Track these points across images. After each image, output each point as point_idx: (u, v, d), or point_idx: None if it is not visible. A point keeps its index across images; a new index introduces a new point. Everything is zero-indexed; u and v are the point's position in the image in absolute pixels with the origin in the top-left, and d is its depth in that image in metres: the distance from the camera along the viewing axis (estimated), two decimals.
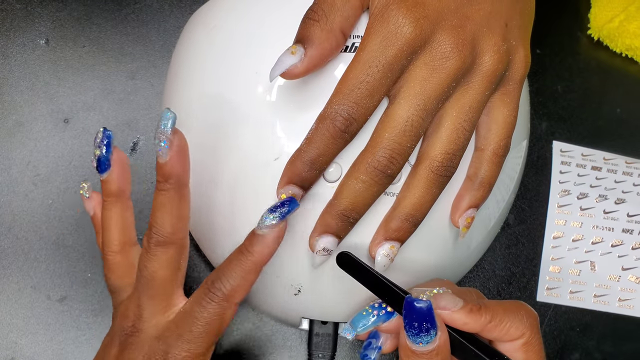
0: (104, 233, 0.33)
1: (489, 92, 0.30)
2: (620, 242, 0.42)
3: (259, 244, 0.29)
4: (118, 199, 0.33)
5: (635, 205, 0.42)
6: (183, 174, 0.30)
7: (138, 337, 0.30)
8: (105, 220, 0.33)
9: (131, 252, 0.33)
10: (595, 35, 0.46)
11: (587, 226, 0.42)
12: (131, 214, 0.34)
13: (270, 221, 0.28)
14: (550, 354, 0.41)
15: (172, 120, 0.28)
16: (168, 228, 0.30)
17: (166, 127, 0.28)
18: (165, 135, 0.28)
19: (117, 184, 0.32)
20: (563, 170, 0.43)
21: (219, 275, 0.29)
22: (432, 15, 0.28)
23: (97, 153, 0.32)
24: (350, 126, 0.28)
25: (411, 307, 0.26)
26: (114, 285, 0.33)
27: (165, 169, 0.29)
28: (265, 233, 0.29)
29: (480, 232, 0.36)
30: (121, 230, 0.33)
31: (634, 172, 0.43)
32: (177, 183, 0.29)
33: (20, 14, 0.44)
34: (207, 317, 0.29)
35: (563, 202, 0.42)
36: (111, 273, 0.33)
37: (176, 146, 0.29)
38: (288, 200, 0.29)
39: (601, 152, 0.44)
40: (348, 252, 0.29)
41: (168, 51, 0.43)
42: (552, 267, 0.42)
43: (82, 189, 0.35)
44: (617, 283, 0.42)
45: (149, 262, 0.30)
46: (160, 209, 0.30)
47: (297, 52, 0.28)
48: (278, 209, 0.29)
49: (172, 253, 0.30)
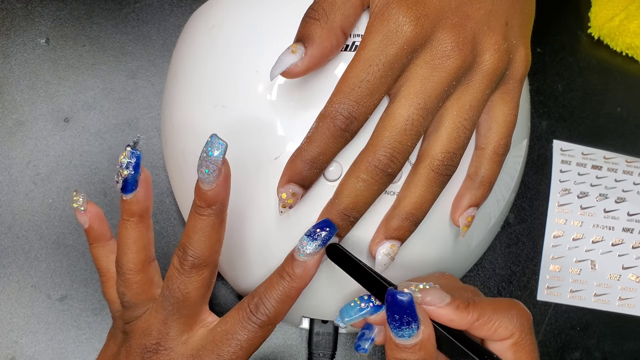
0: (123, 252, 0.32)
1: (490, 90, 0.30)
2: (620, 241, 0.42)
3: (300, 268, 0.29)
4: (141, 220, 0.32)
5: (636, 204, 0.42)
6: (226, 200, 0.29)
7: (168, 356, 0.30)
8: (125, 239, 0.32)
9: (150, 268, 0.32)
10: (596, 34, 0.46)
11: (587, 225, 0.42)
12: (152, 232, 0.33)
13: (313, 249, 0.28)
14: (550, 353, 0.41)
15: (223, 149, 0.27)
16: (205, 251, 0.29)
17: (216, 156, 0.27)
18: (215, 164, 0.27)
19: (143, 204, 0.31)
20: (563, 169, 0.43)
21: (262, 299, 0.29)
22: (433, 13, 0.28)
23: (124, 173, 0.30)
24: (351, 125, 0.28)
25: (393, 300, 0.26)
26: (131, 302, 0.32)
27: (210, 195, 0.28)
28: (307, 260, 0.29)
29: (481, 231, 0.36)
30: (142, 249, 0.32)
31: (634, 171, 0.43)
32: (220, 209, 0.29)
33: (20, 13, 0.44)
34: (248, 339, 0.29)
35: (563, 201, 0.42)
36: (128, 290, 0.32)
37: (224, 175, 0.28)
38: (327, 225, 0.29)
39: (601, 151, 0.44)
40: (337, 244, 0.29)
41: (168, 50, 0.43)
42: (552, 266, 0.42)
43: (76, 202, 0.33)
44: (617, 282, 0.42)
45: (183, 284, 0.29)
46: (199, 233, 0.29)
47: (297, 51, 0.28)
48: (319, 235, 0.28)
49: (207, 274, 0.30)
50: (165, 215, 0.41)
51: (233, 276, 0.37)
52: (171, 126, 0.36)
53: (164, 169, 0.41)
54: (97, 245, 0.34)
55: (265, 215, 0.32)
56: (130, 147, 0.30)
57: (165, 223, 0.41)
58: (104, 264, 0.34)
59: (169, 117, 0.36)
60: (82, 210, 0.33)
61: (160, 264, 0.39)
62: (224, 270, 0.37)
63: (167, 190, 0.41)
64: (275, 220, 0.32)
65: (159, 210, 0.41)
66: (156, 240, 0.41)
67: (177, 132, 0.35)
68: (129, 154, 0.30)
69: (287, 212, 0.30)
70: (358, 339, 0.30)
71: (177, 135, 0.35)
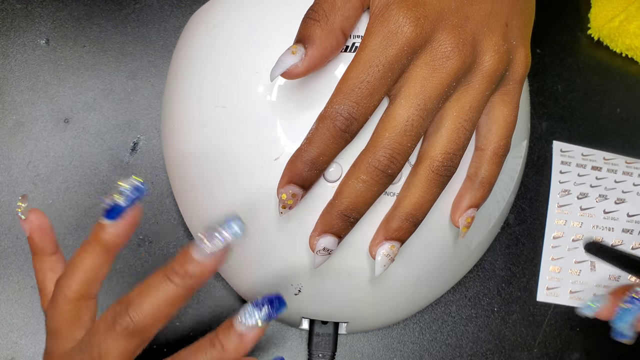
0: (68, 274, 0.29)
1: (490, 91, 0.30)
2: (620, 242, 0.42)
3: (234, 339, 0.28)
4: (105, 253, 0.29)
5: (636, 205, 0.42)
6: (208, 279, 0.27)
7: None
8: (76, 262, 0.29)
9: (84, 305, 0.29)
10: (596, 35, 0.46)
11: (587, 226, 0.42)
12: (108, 269, 0.29)
13: (253, 322, 0.27)
14: (550, 354, 0.41)
15: (240, 233, 0.26)
16: (149, 320, 0.27)
17: (234, 236, 0.26)
18: (223, 243, 0.26)
19: (116, 239, 0.28)
20: (563, 170, 0.43)
21: None
22: (433, 14, 0.28)
23: (117, 199, 0.28)
24: (351, 126, 0.28)
25: None
26: (52, 328, 0.29)
27: (195, 268, 0.26)
28: (244, 331, 0.28)
29: (481, 232, 0.36)
30: (87, 281, 0.29)
31: (634, 172, 0.43)
32: (197, 285, 0.27)
33: (20, 13, 0.44)
34: None
35: (563, 202, 0.42)
36: (55, 313, 0.29)
37: (223, 255, 0.27)
38: (276, 299, 0.28)
39: (601, 152, 0.44)
40: (597, 239, 0.29)
41: (168, 51, 0.43)
42: (552, 266, 0.42)
43: (19, 207, 0.31)
44: (616, 283, 0.42)
45: (105, 343, 0.27)
46: (155, 298, 0.26)
47: (297, 52, 0.28)
48: (264, 308, 0.27)
49: (135, 345, 0.27)
50: (165, 216, 0.41)
51: (233, 277, 0.37)
52: (171, 126, 0.36)
53: (164, 169, 0.41)
54: (36, 259, 0.32)
55: (265, 216, 0.32)
56: (141, 182, 0.28)
57: (165, 223, 0.41)
58: (40, 279, 0.32)
59: (169, 118, 0.36)
60: (22, 217, 0.31)
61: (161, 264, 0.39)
62: (223, 271, 0.37)
63: (167, 191, 0.41)
64: (275, 221, 0.32)
65: (158, 211, 0.41)
66: (156, 240, 0.41)
67: (177, 133, 0.35)
68: (132, 186, 0.28)
69: (287, 213, 0.30)
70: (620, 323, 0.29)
71: (177, 135, 0.35)
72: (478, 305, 0.42)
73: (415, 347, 0.41)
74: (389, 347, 0.41)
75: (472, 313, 0.42)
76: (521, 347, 0.41)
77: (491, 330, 0.41)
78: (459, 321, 0.41)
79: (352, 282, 0.33)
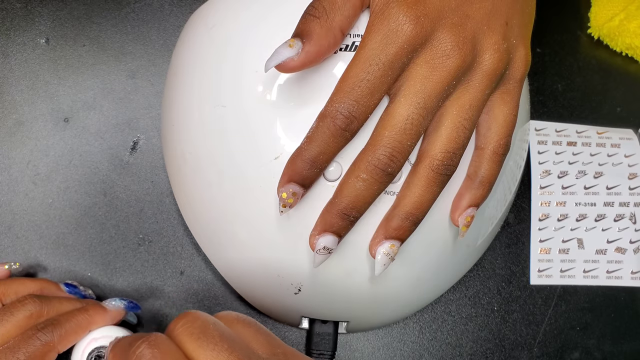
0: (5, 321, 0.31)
1: (489, 90, 0.30)
2: (603, 215, 0.42)
3: None
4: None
5: (613, 177, 0.42)
6: None
7: None
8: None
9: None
10: (596, 34, 0.46)
11: (570, 204, 0.42)
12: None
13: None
14: (550, 353, 0.41)
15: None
16: (71, 338, 0.32)
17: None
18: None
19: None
20: (541, 150, 0.43)
21: None
22: (433, 13, 0.28)
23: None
24: (351, 124, 0.28)
25: None
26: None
27: None
28: None
29: (481, 231, 0.36)
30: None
31: (606, 142, 0.43)
32: None
33: (20, 13, 0.44)
34: None
35: (545, 183, 0.42)
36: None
37: None
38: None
39: (574, 125, 0.44)
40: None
41: (168, 50, 0.43)
42: (541, 248, 0.42)
43: None
44: (604, 256, 0.42)
45: (25, 346, 0.30)
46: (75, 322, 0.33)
47: (294, 46, 0.28)
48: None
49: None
50: (165, 215, 0.41)
51: (233, 277, 0.37)
52: (171, 126, 0.36)
53: (164, 169, 0.41)
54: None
55: (265, 215, 0.32)
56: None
57: (165, 223, 0.41)
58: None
59: (169, 117, 0.36)
60: None
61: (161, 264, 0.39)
62: (224, 271, 0.37)
63: (167, 190, 0.41)
64: (275, 220, 0.32)
65: (159, 210, 0.41)
66: (156, 240, 0.41)
67: (177, 132, 0.35)
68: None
69: (287, 212, 0.30)
70: None
71: (177, 135, 0.35)
72: (478, 304, 0.42)
73: (415, 347, 0.41)
74: (389, 347, 0.41)
75: (472, 312, 0.42)
76: (521, 346, 0.41)
77: (491, 329, 0.41)
78: (459, 320, 0.41)
79: (352, 282, 0.33)
